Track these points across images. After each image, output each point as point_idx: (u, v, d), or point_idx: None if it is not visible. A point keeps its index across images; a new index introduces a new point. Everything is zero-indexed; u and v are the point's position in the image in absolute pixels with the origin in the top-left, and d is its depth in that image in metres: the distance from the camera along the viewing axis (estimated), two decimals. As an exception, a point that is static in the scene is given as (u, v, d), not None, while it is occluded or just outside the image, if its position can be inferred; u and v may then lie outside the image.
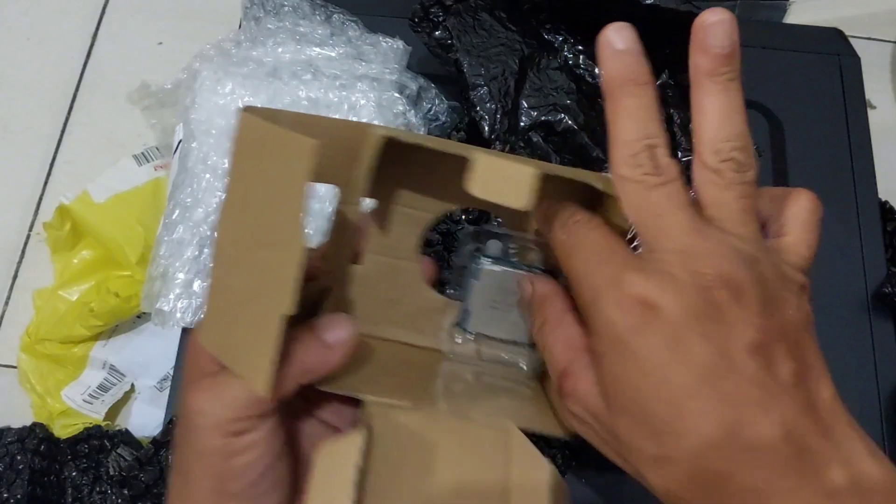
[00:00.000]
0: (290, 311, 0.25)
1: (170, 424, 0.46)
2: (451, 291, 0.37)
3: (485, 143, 0.48)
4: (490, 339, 0.36)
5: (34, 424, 0.49)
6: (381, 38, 0.53)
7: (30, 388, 0.51)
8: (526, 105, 0.50)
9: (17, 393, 0.51)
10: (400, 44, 0.53)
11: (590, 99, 0.51)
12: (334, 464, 0.29)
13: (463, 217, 0.50)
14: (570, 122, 0.49)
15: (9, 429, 0.49)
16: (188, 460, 0.28)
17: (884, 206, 0.54)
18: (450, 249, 0.50)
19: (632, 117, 0.25)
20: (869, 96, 0.58)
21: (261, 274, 0.27)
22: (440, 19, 0.50)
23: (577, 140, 0.49)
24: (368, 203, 0.34)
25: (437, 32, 0.50)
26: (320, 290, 0.32)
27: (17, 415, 0.50)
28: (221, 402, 0.27)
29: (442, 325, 0.36)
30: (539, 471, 0.30)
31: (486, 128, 0.48)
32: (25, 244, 0.57)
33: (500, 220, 0.36)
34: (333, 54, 0.52)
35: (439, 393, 0.33)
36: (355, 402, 0.32)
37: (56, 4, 0.64)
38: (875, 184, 0.54)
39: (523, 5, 0.51)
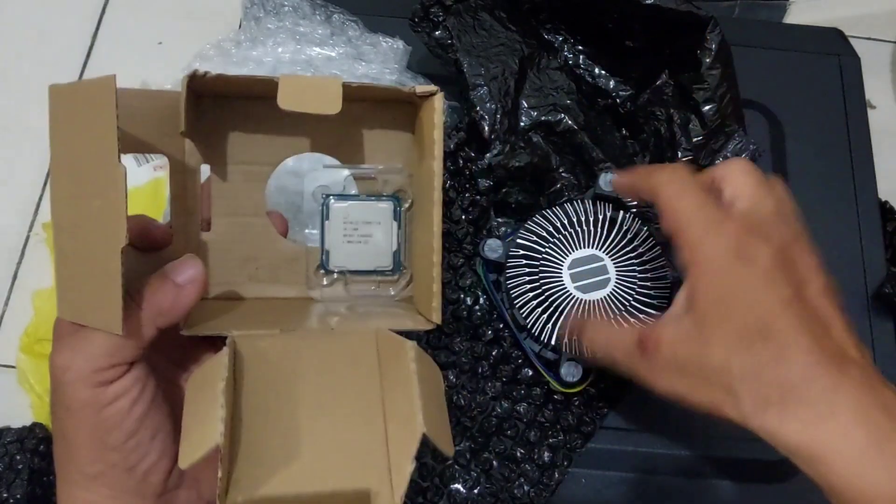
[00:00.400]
0: (124, 239, 0.26)
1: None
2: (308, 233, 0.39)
3: (485, 143, 0.48)
4: (354, 274, 0.37)
5: (34, 424, 0.49)
6: (381, 38, 0.53)
7: (29, 388, 0.51)
8: (526, 105, 0.50)
9: (17, 393, 0.51)
10: (400, 44, 0.53)
11: (590, 99, 0.51)
12: (203, 382, 0.29)
13: (463, 217, 0.50)
14: (570, 122, 0.49)
15: (8, 429, 0.49)
16: (64, 421, 0.28)
17: (884, 206, 0.54)
18: (450, 250, 0.49)
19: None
20: (869, 96, 0.58)
21: (94, 224, 0.27)
22: (440, 19, 0.50)
23: (578, 140, 0.49)
24: (207, 169, 0.35)
25: (437, 32, 0.50)
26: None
27: (17, 415, 0.50)
28: (84, 355, 0.27)
29: (305, 271, 0.37)
30: (403, 348, 0.30)
31: (486, 127, 0.48)
32: (25, 244, 0.57)
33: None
34: (333, 54, 0.52)
35: (312, 323, 0.34)
36: None
37: (56, 4, 0.64)
38: (875, 184, 0.54)
39: (523, 5, 0.51)
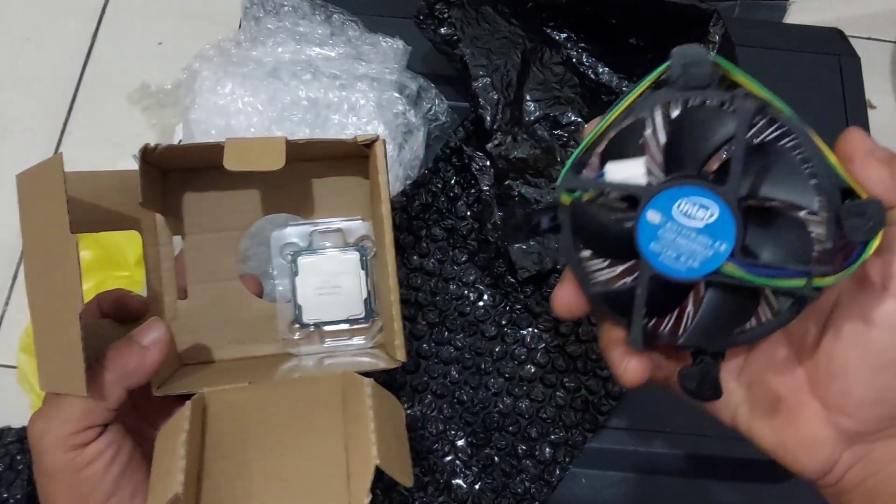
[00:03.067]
0: (80, 305, 0.27)
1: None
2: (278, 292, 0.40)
3: (487, 134, 0.48)
4: (328, 324, 0.39)
5: (34, 424, 0.49)
6: (380, 38, 0.53)
7: (29, 388, 0.51)
8: (529, 98, 0.49)
9: (17, 393, 0.51)
10: (400, 43, 0.53)
11: (593, 93, 0.51)
12: (167, 436, 0.31)
13: (468, 213, 0.50)
14: (574, 115, 0.49)
15: (9, 429, 0.49)
16: (45, 485, 0.29)
17: (884, 206, 0.54)
18: (454, 246, 0.50)
19: None
20: (869, 96, 0.58)
21: (57, 295, 0.28)
22: (445, 15, 0.50)
23: (582, 132, 0.49)
24: (179, 241, 0.37)
25: (442, 29, 0.50)
26: None
27: (17, 415, 0.50)
28: (57, 420, 0.29)
29: (280, 327, 0.39)
30: (361, 385, 0.32)
31: (488, 118, 0.48)
32: (25, 244, 0.57)
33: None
34: (333, 54, 0.52)
35: (282, 374, 0.35)
36: None
37: (56, 4, 0.64)
38: (875, 184, 0.54)
39: (526, 3, 0.51)
